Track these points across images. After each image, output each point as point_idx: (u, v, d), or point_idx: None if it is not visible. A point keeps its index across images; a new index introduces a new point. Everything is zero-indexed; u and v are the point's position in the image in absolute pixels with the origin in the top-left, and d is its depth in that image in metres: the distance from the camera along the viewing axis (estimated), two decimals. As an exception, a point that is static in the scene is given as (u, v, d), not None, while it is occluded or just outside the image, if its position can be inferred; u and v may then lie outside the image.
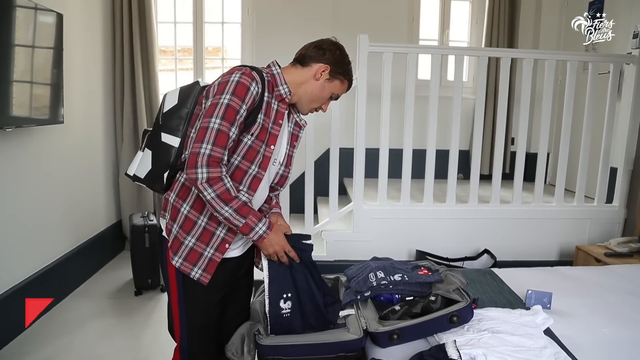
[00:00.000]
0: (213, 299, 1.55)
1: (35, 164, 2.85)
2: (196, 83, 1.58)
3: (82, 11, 3.42)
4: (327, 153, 3.34)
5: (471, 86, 4.42)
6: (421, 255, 3.13)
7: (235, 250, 1.58)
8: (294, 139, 1.67)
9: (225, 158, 1.39)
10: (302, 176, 3.21)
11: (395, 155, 3.20)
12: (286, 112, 1.59)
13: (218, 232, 1.50)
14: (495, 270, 2.41)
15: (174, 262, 1.50)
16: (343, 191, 3.83)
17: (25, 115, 2.60)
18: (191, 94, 1.55)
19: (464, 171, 3.97)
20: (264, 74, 1.51)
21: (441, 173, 3.26)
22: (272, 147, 1.52)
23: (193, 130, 1.45)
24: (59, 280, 3.07)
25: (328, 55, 1.56)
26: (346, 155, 3.29)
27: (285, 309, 1.57)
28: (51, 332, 2.69)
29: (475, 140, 3.26)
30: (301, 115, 1.67)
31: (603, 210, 3.33)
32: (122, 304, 3.09)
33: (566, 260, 3.26)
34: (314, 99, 1.59)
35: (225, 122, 1.37)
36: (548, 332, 1.67)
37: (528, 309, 1.84)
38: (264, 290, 1.92)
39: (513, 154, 3.48)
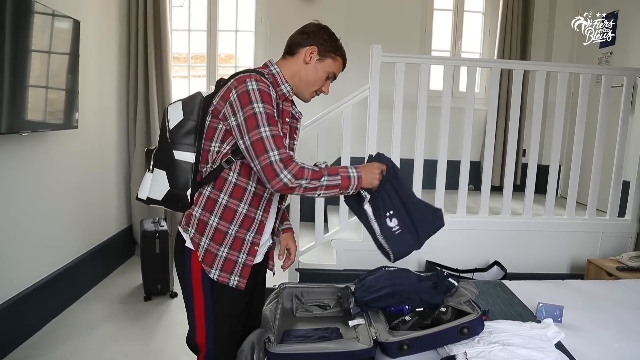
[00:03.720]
0: (239, 306, 1.56)
1: (49, 168, 2.89)
2: (198, 94, 1.54)
3: (99, 18, 3.48)
4: (338, 162, 3.35)
5: (483, 97, 4.42)
6: (431, 265, 3.12)
7: (258, 256, 1.60)
8: (293, 131, 1.66)
9: (289, 152, 1.42)
10: (313, 184, 3.22)
11: (407, 166, 3.18)
12: (290, 109, 1.61)
13: (247, 237, 1.52)
14: (506, 282, 2.39)
15: (212, 275, 1.49)
16: (353, 200, 3.83)
17: (41, 119, 2.64)
18: (195, 105, 1.51)
19: (475, 182, 3.96)
20: (266, 75, 1.52)
21: (452, 184, 3.25)
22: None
23: (224, 145, 1.46)
24: (70, 284, 3.10)
25: (313, 37, 1.58)
26: (357, 164, 3.28)
27: (394, 226, 1.58)
28: (61, 335, 2.71)
29: (486, 151, 3.25)
30: (296, 108, 1.67)
31: (615, 223, 3.30)
32: (131, 309, 3.10)
33: (577, 273, 3.22)
34: (311, 83, 1.60)
35: (273, 127, 1.40)
36: (559, 345, 1.66)
37: (539, 322, 1.83)
38: (274, 298, 1.94)
39: (524, 166, 3.46)
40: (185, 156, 1.50)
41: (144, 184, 1.56)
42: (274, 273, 1.80)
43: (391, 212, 1.57)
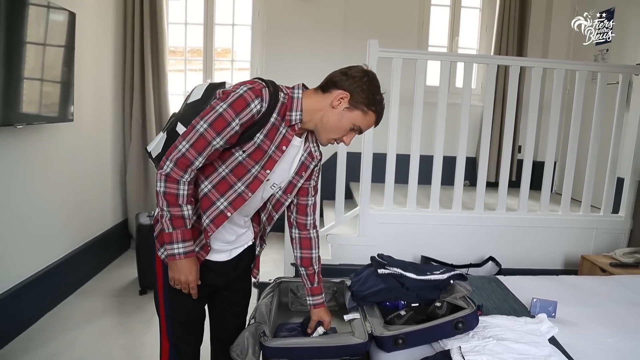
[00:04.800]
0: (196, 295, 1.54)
1: (44, 161, 2.87)
2: (223, 83, 1.54)
3: (95, 11, 3.45)
4: (334, 157, 3.35)
5: (479, 93, 4.43)
6: (426, 260, 3.13)
7: (222, 254, 1.57)
8: (303, 168, 1.57)
9: (198, 162, 1.36)
10: (309, 179, 3.22)
11: (402, 161, 3.20)
12: (298, 139, 1.51)
13: (202, 225, 1.48)
14: (500, 277, 2.41)
15: (159, 254, 1.50)
16: (349, 195, 3.84)
17: (36, 112, 2.62)
18: (216, 92, 1.48)
19: (471, 178, 3.97)
20: (282, 95, 1.43)
21: (448, 179, 3.26)
22: (267, 171, 1.45)
23: None
24: (65, 277, 3.09)
25: (351, 82, 1.42)
26: (353, 160, 3.29)
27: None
28: (56, 328, 2.71)
29: (482, 147, 3.27)
30: (317, 147, 1.58)
31: (609, 220, 3.33)
32: (126, 303, 3.10)
33: (571, 269, 3.24)
34: (331, 129, 1.46)
35: (211, 130, 1.33)
36: (553, 340, 1.67)
37: (533, 317, 1.85)
38: (270, 292, 1.94)
39: (520, 162, 3.48)
40: (182, 130, 1.48)
41: (154, 141, 1.60)
42: (257, 282, 1.75)
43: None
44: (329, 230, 3.21)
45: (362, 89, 1.41)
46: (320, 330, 1.67)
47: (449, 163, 3.25)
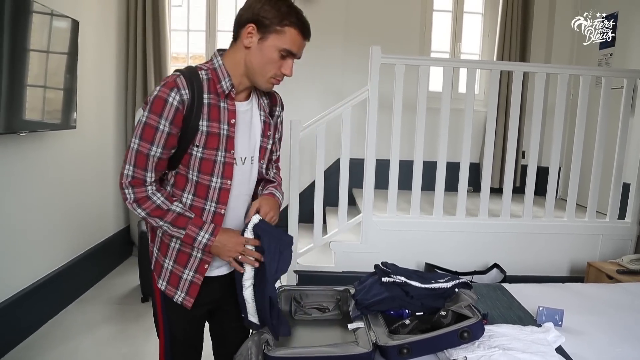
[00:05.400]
0: (194, 316, 1.52)
1: (47, 168, 2.87)
2: None
3: (97, 18, 3.46)
4: (337, 163, 3.34)
5: (482, 99, 4.41)
6: (430, 268, 3.11)
7: (220, 269, 1.51)
8: (266, 127, 1.48)
9: (150, 176, 1.33)
10: (312, 186, 3.21)
11: (406, 167, 3.18)
12: (243, 103, 1.42)
13: (195, 254, 1.43)
14: (505, 285, 2.38)
15: (159, 286, 1.47)
16: (351, 201, 3.82)
17: (39, 119, 2.62)
18: None
19: (474, 184, 3.95)
20: (203, 72, 1.34)
21: (451, 185, 3.24)
22: (232, 152, 1.38)
23: None
24: (67, 285, 3.08)
25: (251, 11, 1.30)
26: (356, 166, 3.28)
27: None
28: (57, 336, 2.70)
29: (486, 153, 3.24)
30: (268, 97, 1.51)
31: (615, 226, 3.29)
32: (128, 310, 3.08)
33: (577, 276, 3.21)
34: (260, 70, 1.34)
35: (144, 142, 1.29)
36: (560, 350, 1.64)
37: (539, 325, 1.82)
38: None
39: (524, 168, 3.46)
40: None
41: None
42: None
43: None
44: (332, 237, 3.19)
45: (264, 10, 1.28)
46: (255, 218, 1.43)
47: (452, 169, 3.23)
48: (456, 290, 1.83)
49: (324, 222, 3.62)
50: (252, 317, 1.49)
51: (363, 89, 3.09)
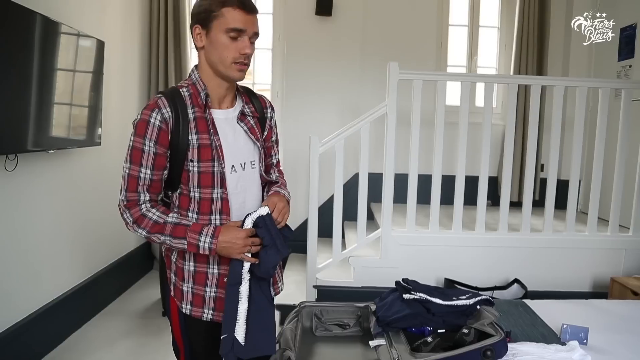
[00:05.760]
0: (214, 331, 1.48)
1: (73, 184, 2.95)
2: None
3: (122, 38, 3.57)
4: (355, 177, 3.36)
5: (500, 112, 4.40)
6: (450, 283, 3.09)
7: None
8: (253, 131, 1.49)
9: (142, 197, 1.37)
10: (331, 200, 3.23)
11: (424, 181, 3.18)
12: (221, 111, 1.44)
13: (211, 270, 1.45)
14: (527, 301, 2.36)
15: (184, 310, 1.47)
16: (370, 216, 3.83)
17: (65, 136, 2.70)
18: None
19: (493, 198, 3.92)
20: (184, 89, 1.40)
21: (470, 199, 3.23)
22: (224, 161, 1.41)
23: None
24: (90, 298, 3.14)
25: (192, 19, 1.39)
26: (374, 180, 3.29)
27: None
28: (80, 350, 2.74)
29: (505, 166, 3.23)
30: (251, 99, 1.54)
31: (639, 240, 3.23)
32: (149, 324, 3.12)
33: (600, 292, 3.15)
34: (221, 61, 1.37)
35: (133, 165, 1.35)
36: (585, 369, 1.63)
37: (563, 344, 1.80)
38: (294, 317, 1.93)
39: (543, 181, 3.43)
40: None
41: None
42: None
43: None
44: (351, 252, 3.19)
45: (198, 7, 1.36)
46: (263, 210, 1.42)
47: (471, 183, 3.21)
48: (478, 307, 1.83)
49: (343, 236, 3.62)
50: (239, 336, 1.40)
51: (381, 104, 3.10)
